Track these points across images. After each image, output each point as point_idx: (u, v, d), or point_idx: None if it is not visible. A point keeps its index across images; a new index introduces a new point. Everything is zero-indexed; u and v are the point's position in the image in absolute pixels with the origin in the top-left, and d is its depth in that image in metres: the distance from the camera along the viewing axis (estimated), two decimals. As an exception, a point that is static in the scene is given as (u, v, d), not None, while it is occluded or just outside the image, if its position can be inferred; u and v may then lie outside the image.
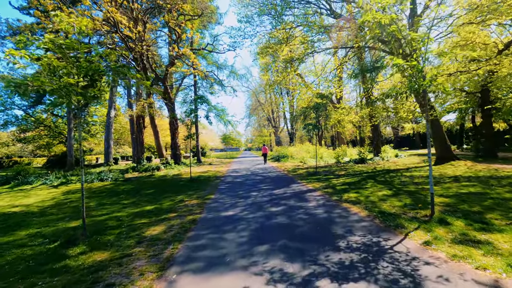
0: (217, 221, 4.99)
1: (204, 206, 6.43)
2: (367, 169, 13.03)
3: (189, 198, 7.66)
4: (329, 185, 8.65)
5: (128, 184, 11.46)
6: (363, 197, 6.51)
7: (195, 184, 10.68)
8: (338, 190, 7.71)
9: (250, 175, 13.03)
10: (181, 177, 13.25)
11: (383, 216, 4.72)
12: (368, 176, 10.45)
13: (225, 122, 23.14)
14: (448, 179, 8.43)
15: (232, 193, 8.06)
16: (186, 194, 8.39)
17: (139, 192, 9.22)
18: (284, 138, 53.13)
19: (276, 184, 9.70)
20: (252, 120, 58.30)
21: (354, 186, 8.15)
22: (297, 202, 6.37)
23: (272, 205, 6.11)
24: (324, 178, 10.66)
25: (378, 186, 7.90)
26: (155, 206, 6.66)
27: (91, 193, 9.71)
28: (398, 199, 6.08)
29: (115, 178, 13.60)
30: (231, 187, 9.48)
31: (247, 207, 6.09)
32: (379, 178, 9.61)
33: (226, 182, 10.78)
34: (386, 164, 14.85)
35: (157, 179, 13.00)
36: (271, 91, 33.08)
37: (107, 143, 29.91)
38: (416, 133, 43.53)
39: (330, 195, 6.98)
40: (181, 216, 5.47)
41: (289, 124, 44.18)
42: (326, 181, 9.77)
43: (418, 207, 5.24)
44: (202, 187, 9.83)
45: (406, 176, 9.65)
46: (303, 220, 4.76)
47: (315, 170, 13.20)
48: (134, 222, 5.17)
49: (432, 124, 13.85)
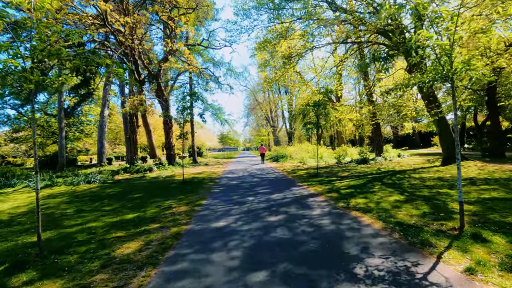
0: (205, 235, 4.20)
1: (193, 214, 5.64)
2: (371, 170, 12.30)
3: (178, 203, 6.87)
4: (333, 189, 7.90)
5: (116, 187, 10.64)
6: (373, 203, 5.75)
7: (187, 187, 9.89)
8: (344, 194, 6.95)
9: (247, 177, 12.25)
10: (173, 179, 12.45)
11: (402, 229, 3.96)
12: (373, 178, 9.70)
13: (222, 121, 22.37)
14: (463, 182, 7.69)
15: (226, 198, 7.28)
16: (176, 198, 7.59)
17: (125, 197, 8.42)
18: (282, 138, 52.41)
19: (274, 187, 8.93)
20: (251, 119, 57.58)
21: (361, 190, 7.40)
22: (298, 209, 5.60)
23: (270, 214, 5.34)
24: (326, 180, 9.91)
25: (387, 190, 7.15)
26: (137, 214, 5.86)
27: (74, 197, 8.89)
28: (413, 206, 5.33)
29: (103, 180, 12.77)
30: (225, 190, 8.70)
31: (242, 215, 5.31)
32: (386, 181, 8.87)
33: (221, 185, 9.99)
34: (390, 165, 14.14)
35: (148, 181, 12.19)
36: (269, 88, 32.31)
37: (100, 143, 29.07)
38: (416, 132, 43.05)
39: (335, 201, 6.21)
40: (164, 228, 4.68)
41: (287, 124, 43.47)
42: (329, 183, 9.01)
43: (440, 216, 4.48)
44: (195, 190, 9.04)
45: (415, 178, 8.92)
46: (307, 234, 3.99)
47: (316, 171, 12.45)
48: (108, 236, 4.38)
49: (439, 122, 13.16)
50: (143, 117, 15.96)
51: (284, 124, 46.02)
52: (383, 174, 10.66)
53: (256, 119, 55.15)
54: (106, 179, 12.91)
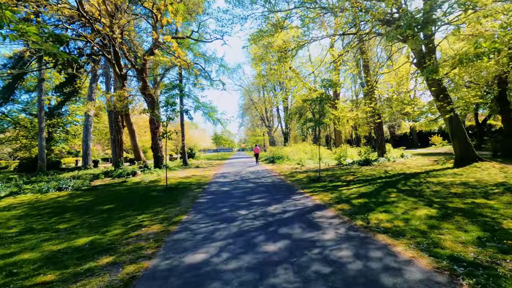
0: (170, 283, 2.83)
1: (165, 238, 4.25)
2: (378, 172, 11.06)
3: (151, 220, 5.47)
4: (342, 198, 6.58)
5: (87, 196, 9.15)
6: (400, 221, 4.44)
7: (169, 195, 8.47)
8: (357, 206, 5.64)
9: (240, 182, 10.88)
10: (157, 184, 11.01)
11: (467, 273, 2.66)
12: (385, 183, 8.43)
13: (214, 120, 20.92)
14: (495, 188, 6.47)
15: (212, 211, 5.90)
16: (151, 212, 6.19)
17: (93, 209, 6.97)
18: (278, 138, 51.17)
19: (271, 195, 7.58)
20: (246, 120, 56.18)
21: (376, 200, 6.10)
22: (304, 230, 4.26)
23: (267, 238, 3.98)
24: (330, 186, 8.60)
25: (409, 200, 5.87)
26: (92, 238, 4.45)
27: (32, 209, 7.41)
28: (455, 225, 4.05)
29: (77, 186, 11.24)
30: (213, 199, 7.31)
31: (230, 241, 3.95)
32: (401, 186, 7.61)
33: (209, 192, 8.60)
34: (396, 166, 12.94)
35: (128, 187, 10.72)
36: (264, 84, 31.02)
37: (85, 144, 27.42)
38: (414, 132, 42.29)
39: (350, 217, 4.89)
40: (116, 266, 3.28)
41: (283, 124, 42.23)
42: (335, 190, 7.71)
43: (507, 245, 3.20)
44: (177, 199, 7.64)
45: (434, 183, 7.68)
46: (325, 281, 2.65)
47: (317, 175, 11.15)
48: (28, 283, 2.97)
49: (450, 120, 12.01)
50: (126, 115, 14.45)
51: (280, 124, 44.79)
52: (393, 178, 9.41)
53: (251, 119, 53.79)
54: (81, 185, 11.39)
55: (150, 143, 20.18)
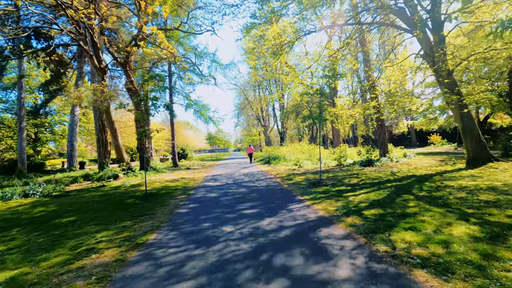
0: None
1: (114, 274, 3.04)
2: (384, 174, 9.95)
3: (111, 239, 4.26)
4: (350, 208, 5.43)
5: (52, 204, 7.87)
6: (436, 244, 3.29)
7: (147, 202, 7.25)
8: (372, 219, 4.49)
9: (231, 186, 9.68)
10: (138, 189, 9.75)
11: None
12: (396, 187, 7.31)
13: (206, 119, 19.70)
14: (533, 195, 5.38)
15: (190, 227, 4.70)
16: (117, 227, 4.97)
17: (49, 222, 5.73)
18: (274, 138, 50.03)
19: (265, 203, 6.40)
20: (241, 119, 54.91)
21: (392, 210, 4.96)
22: (309, 261, 3.09)
23: (256, 275, 2.80)
24: (334, 191, 7.45)
25: (434, 210, 4.75)
26: (18, 272, 3.23)
27: (-24, 223, 6.12)
28: (516, 252, 2.92)
29: (47, 192, 9.91)
30: (196, 210, 6.10)
31: (202, 282, 2.75)
32: (417, 192, 6.49)
33: (194, 200, 7.38)
34: (402, 167, 11.88)
35: (104, 193, 9.44)
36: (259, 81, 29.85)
37: (70, 145, 25.96)
38: (413, 131, 41.54)
39: (366, 237, 3.73)
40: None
41: (279, 123, 41.11)
42: (340, 197, 6.56)
43: None
44: (154, 209, 6.42)
45: (454, 188, 6.58)
46: None
47: (317, 177, 10.01)
48: None
49: (461, 115, 10.97)
50: (106, 112, 13.15)
51: (276, 124, 43.65)
52: (404, 181, 8.30)
53: (247, 118, 52.57)
54: (52, 191, 10.06)
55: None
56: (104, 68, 12.35)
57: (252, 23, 12.64)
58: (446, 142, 32.41)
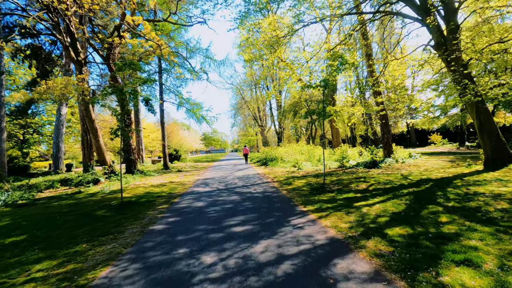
0: None
1: None
2: (394, 178, 8.84)
3: (46, 277, 3.07)
4: (367, 224, 4.29)
5: (7, 217, 6.63)
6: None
7: (118, 216, 6.03)
8: (402, 244, 3.35)
9: (222, 192, 8.49)
10: (116, 197, 8.51)
11: None
12: (414, 194, 6.19)
13: (198, 118, 18.48)
14: None
15: (159, 256, 3.50)
16: (64, 255, 3.76)
17: (-13, 244, 4.50)
18: (271, 138, 48.93)
19: (261, 217, 5.23)
20: (238, 120, 53.74)
21: (423, 229, 3.83)
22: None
23: None
24: (341, 199, 6.31)
25: (480, 230, 3.63)
26: None
27: None
28: None
29: (12, 200, 8.63)
30: (174, 227, 4.90)
31: None
32: (443, 201, 5.37)
33: (175, 211, 6.19)
34: (411, 169, 10.80)
35: (75, 202, 8.19)
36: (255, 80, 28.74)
37: (56, 146, 24.58)
38: (412, 130, 40.65)
39: (403, 277, 2.59)
40: None
41: (277, 123, 39.99)
42: (350, 207, 5.43)
43: None
44: (124, 224, 5.22)
45: (486, 195, 5.48)
46: None
47: (320, 181, 8.88)
48: None
49: (478, 112, 9.93)
50: (85, 110, 11.89)
51: (273, 124, 42.54)
52: (421, 186, 7.19)
53: (243, 119, 51.39)
54: (17, 199, 8.79)
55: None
56: (82, 61, 11.09)
57: (247, 10, 11.48)
58: (447, 141, 31.52)
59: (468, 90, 8.14)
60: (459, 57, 9.80)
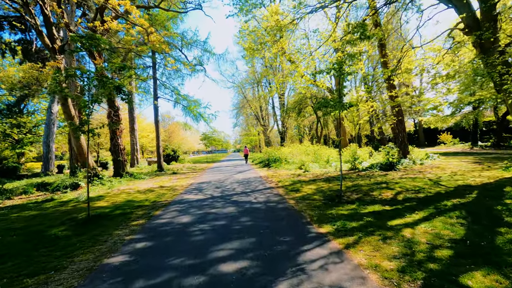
0: None
1: None
2: (423, 184, 7.31)
3: None
4: (422, 263, 2.81)
5: None
6: None
7: (76, 237, 4.59)
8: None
9: (216, 202, 7.01)
10: (92, 206, 7.08)
11: None
12: (463, 207, 4.67)
13: (196, 115, 17.05)
14: None
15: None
16: None
17: None
18: (274, 138, 47.41)
19: (260, 245, 3.73)
20: (240, 119, 52.34)
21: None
22: None
23: None
24: (366, 213, 4.81)
25: None
26: None
27: None
28: None
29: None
30: (137, 262, 3.43)
31: None
32: (510, 219, 3.87)
33: (151, 230, 4.73)
34: (437, 172, 9.26)
35: (36, 214, 6.75)
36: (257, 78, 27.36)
37: (46, 146, 23.29)
38: (420, 129, 38.86)
39: None
40: None
41: (279, 122, 38.47)
42: (382, 227, 3.94)
43: None
44: (69, 255, 3.77)
45: None
46: None
47: (335, 190, 7.39)
48: None
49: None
50: (63, 105, 10.50)
51: (276, 123, 41.03)
52: (465, 196, 5.65)
53: (246, 118, 49.94)
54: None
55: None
56: (59, 48, 9.71)
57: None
58: (458, 141, 29.73)
59: (496, 82, 6.59)
60: (497, 40, 8.30)
